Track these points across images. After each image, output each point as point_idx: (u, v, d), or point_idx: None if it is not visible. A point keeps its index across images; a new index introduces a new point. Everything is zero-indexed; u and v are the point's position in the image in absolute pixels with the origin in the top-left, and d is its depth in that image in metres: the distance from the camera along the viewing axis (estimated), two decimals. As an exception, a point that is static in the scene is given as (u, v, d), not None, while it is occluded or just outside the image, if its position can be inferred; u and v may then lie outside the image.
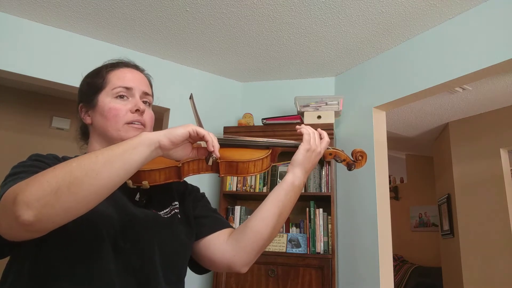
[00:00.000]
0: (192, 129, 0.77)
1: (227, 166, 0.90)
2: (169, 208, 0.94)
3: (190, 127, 0.77)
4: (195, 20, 2.43)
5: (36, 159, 0.83)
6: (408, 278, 5.06)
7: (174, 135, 0.76)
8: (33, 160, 0.82)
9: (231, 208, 2.84)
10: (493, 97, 3.42)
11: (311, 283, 2.44)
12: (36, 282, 0.75)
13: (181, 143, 0.78)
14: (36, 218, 0.63)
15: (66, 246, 0.75)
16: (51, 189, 0.63)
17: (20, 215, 0.62)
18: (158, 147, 0.75)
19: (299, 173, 0.95)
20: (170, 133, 0.76)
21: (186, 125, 0.78)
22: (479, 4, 2.18)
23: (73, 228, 0.74)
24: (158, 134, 0.75)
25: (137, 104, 0.92)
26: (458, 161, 3.92)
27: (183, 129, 0.77)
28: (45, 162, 0.82)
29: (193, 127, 0.78)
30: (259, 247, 0.91)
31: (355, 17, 2.33)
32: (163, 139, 0.75)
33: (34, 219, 0.63)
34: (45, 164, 0.81)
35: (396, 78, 2.64)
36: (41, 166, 0.79)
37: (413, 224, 5.71)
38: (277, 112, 3.13)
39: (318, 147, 0.97)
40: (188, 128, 0.77)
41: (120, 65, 0.97)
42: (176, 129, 0.76)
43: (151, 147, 0.74)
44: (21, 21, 2.46)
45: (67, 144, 1.15)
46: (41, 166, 0.79)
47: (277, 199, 0.92)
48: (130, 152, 0.71)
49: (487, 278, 3.50)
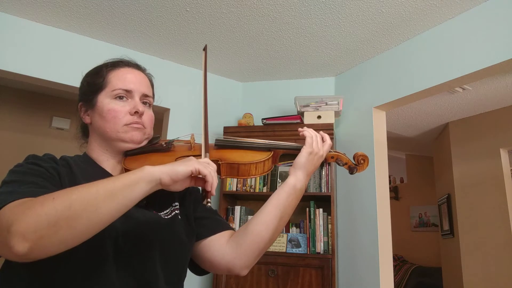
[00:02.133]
0: (194, 168, 0.76)
1: (228, 167, 0.90)
2: (170, 209, 0.93)
3: (193, 165, 0.76)
4: (195, 20, 2.43)
5: (32, 162, 0.81)
6: (408, 278, 5.06)
7: (176, 173, 0.74)
8: (30, 164, 0.81)
9: (231, 208, 2.84)
10: (493, 97, 3.42)
11: (311, 283, 2.44)
12: (36, 282, 0.75)
13: (181, 180, 0.76)
14: (31, 250, 0.62)
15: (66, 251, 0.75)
16: (48, 222, 0.62)
17: (14, 245, 0.61)
18: (159, 184, 0.74)
19: (301, 176, 0.95)
20: (172, 171, 0.74)
21: (189, 162, 0.76)
22: (479, 4, 2.18)
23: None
24: (161, 171, 0.74)
25: (136, 106, 0.91)
26: (458, 161, 3.92)
27: (186, 168, 0.75)
28: (41, 166, 0.81)
29: (196, 166, 0.76)
30: (259, 250, 0.91)
31: (355, 17, 2.33)
32: (164, 178, 0.73)
33: (29, 251, 0.62)
34: (42, 169, 0.80)
35: (396, 78, 2.64)
36: (36, 173, 0.78)
37: (413, 224, 5.71)
38: (277, 112, 3.13)
39: (321, 150, 0.97)
40: (191, 168, 0.75)
41: (120, 65, 0.96)
42: (178, 167, 0.75)
43: (151, 183, 0.73)
44: (21, 21, 2.46)
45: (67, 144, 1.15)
46: (37, 173, 0.78)
47: (279, 202, 0.92)
48: (131, 188, 0.70)
49: (487, 278, 3.50)
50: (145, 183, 0.72)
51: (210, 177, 0.76)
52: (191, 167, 0.75)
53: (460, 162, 3.91)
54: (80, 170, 0.88)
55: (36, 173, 0.78)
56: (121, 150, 0.93)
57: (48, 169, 0.81)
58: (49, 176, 0.79)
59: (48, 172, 0.80)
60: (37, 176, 0.77)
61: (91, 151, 0.95)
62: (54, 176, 0.81)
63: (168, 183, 0.74)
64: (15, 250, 0.61)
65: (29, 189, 0.72)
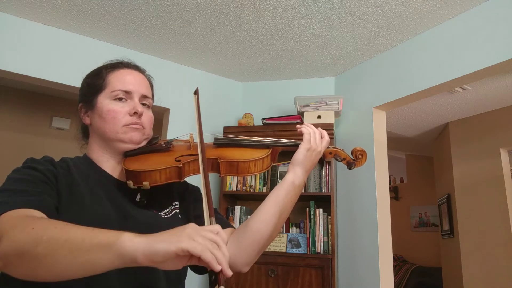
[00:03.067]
0: (181, 249, 0.58)
1: (228, 165, 0.90)
2: (170, 208, 0.94)
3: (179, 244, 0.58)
4: (195, 20, 2.43)
5: (29, 166, 0.82)
6: (408, 278, 5.06)
7: (155, 253, 0.58)
8: (26, 168, 0.82)
9: (231, 208, 2.84)
10: (493, 97, 3.42)
11: (311, 283, 2.44)
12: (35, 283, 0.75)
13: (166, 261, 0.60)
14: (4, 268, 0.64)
15: None
16: (17, 253, 0.62)
17: None
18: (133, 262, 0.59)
19: (300, 173, 0.95)
20: (150, 249, 0.58)
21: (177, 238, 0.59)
22: (479, 4, 2.18)
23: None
24: (136, 247, 0.59)
25: (135, 107, 0.92)
26: (458, 161, 3.92)
27: (168, 247, 0.58)
28: (37, 169, 0.81)
29: (183, 246, 0.58)
30: (260, 247, 0.91)
31: (355, 17, 2.33)
32: (139, 256, 0.58)
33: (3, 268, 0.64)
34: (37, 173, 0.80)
35: (396, 78, 2.64)
36: (30, 179, 0.78)
37: (413, 224, 5.71)
38: (277, 112, 3.13)
39: (319, 146, 0.97)
40: (174, 247, 0.58)
41: (120, 66, 0.97)
42: (159, 245, 0.58)
43: (121, 259, 0.59)
44: (21, 21, 2.46)
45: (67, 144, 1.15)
46: (31, 178, 0.79)
47: (278, 199, 0.93)
48: (96, 253, 0.60)
49: (487, 278, 3.50)
50: (112, 255, 0.60)
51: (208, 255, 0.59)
52: (175, 246, 0.58)
53: (460, 162, 3.91)
54: (79, 172, 0.88)
55: (30, 179, 0.78)
56: (121, 150, 0.93)
57: (44, 172, 0.81)
58: (44, 181, 0.80)
59: (44, 176, 0.80)
60: (30, 182, 0.78)
61: (91, 152, 0.95)
62: (49, 178, 0.81)
63: (146, 263, 0.59)
64: None
65: (19, 198, 0.73)
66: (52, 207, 0.76)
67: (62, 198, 0.80)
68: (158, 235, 0.61)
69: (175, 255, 0.58)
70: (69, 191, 0.82)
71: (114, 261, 0.60)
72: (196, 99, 0.98)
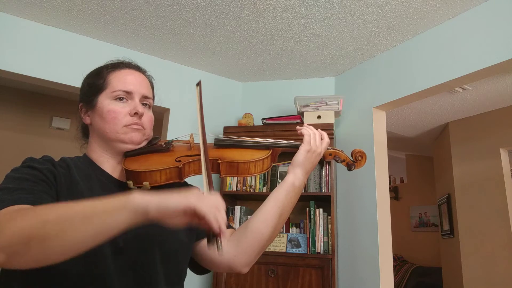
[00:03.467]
0: (188, 206, 0.63)
1: (228, 166, 0.90)
2: None
3: (188, 200, 0.64)
4: (195, 20, 2.43)
5: (28, 165, 0.81)
6: (408, 278, 5.06)
7: (165, 207, 0.64)
8: (25, 167, 0.81)
9: (231, 208, 2.84)
10: (493, 97, 3.42)
11: (311, 283, 2.44)
12: (34, 282, 0.75)
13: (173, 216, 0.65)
14: (8, 261, 0.62)
15: None
16: (23, 240, 0.61)
17: None
18: (146, 215, 0.64)
19: (300, 174, 0.95)
20: (162, 203, 0.64)
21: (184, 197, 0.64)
22: (479, 4, 2.18)
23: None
24: (148, 201, 0.64)
25: (135, 108, 0.92)
26: (458, 161, 3.92)
27: (177, 203, 0.64)
28: (37, 169, 0.81)
29: (191, 204, 0.63)
30: (260, 247, 0.91)
31: (355, 17, 2.33)
32: (152, 210, 0.63)
33: (6, 262, 0.62)
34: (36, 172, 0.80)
35: (396, 78, 2.64)
36: (30, 177, 0.78)
37: (413, 224, 5.71)
38: (277, 112, 3.13)
39: (319, 148, 0.98)
40: (184, 203, 0.64)
41: (121, 66, 0.97)
42: (170, 200, 0.64)
43: (135, 214, 0.63)
44: (21, 21, 2.46)
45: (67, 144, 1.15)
46: (30, 177, 0.78)
47: (278, 200, 0.93)
48: (111, 215, 0.63)
49: (487, 278, 3.50)
50: (128, 212, 0.63)
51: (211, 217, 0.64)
52: (184, 203, 0.64)
53: (460, 162, 3.91)
54: (79, 171, 0.88)
55: (29, 178, 0.78)
56: (121, 151, 0.93)
57: (43, 171, 0.81)
58: (43, 180, 0.79)
59: (42, 174, 0.80)
60: (28, 180, 0.77)
61: (91, 152, 0.95)
62: (48, 178, 0.80)
63: (156, 216, 0.64)
64: None
65: (18, 195, 0.72)
66: None
67: (61, 197, 0.80)
68: (167, 193, 0.65)
69: (183, 212, 0.64)
70: (69, 191, 0.82)
71: (128, 218, 0.63)
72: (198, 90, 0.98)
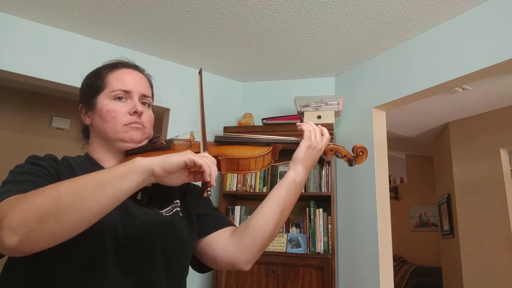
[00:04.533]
0: (188, 158, 0.73)
1: (228, 163, 0.90)
2: (171, 206, 0.94)
3: (187, 155, 0.74)
4: (195, 20, 2.43)
5: (32, 162, 0.82)
6: (408, 278, 5.06)
7: (169, 164, 0.72)
8: (29, 163, 0.82)
9: (231, 208, 2.84)
10: (493, 97, 3.42)
11: (311, 283, 2.44)
12: (36, 282, 0.75)
13: (176, 171, 0.74)
14: (21, 243, 0.62)
15: (66, 245, 0.75)
16: (37, 215, 0.62)
17: (4, 239, 0.61)
18: (151, 175, 0.72)
19: (301, 170, 0.95)
20: (165, 161, 0.72)
21: (183, 153, 0.74)
22: (479, 4, 2.18)
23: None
24: (152, 161, 0.72)
25: (135, 106, 0.92)
26: (458, 161, 3.92)
27: (179, 158, 0.73)
28: (41, 165, 0.81)
29: (190, 157, 0.74)
30: (262, 244, 0.91)
31: (355, 17, 2.33)
32: (156, 168, 0.71)
33: (19, 244, 0.62)
34: (40, 168, 0.80)
35: (396, 78, 2.64)
36: (34, 172, 0.79)
37: (413, 224, 5.71)
38: (277, 112, 3.13)
39: (319, 143, 0.97)
40: (184, 157, 0.73)
41: (119, 66, 0.97)
42: (171, 158, 0.73)
43: (143, 174, 0.71)
44: (21, 21, 2.46)
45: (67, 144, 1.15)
46: (35, 172, 0.79)
47: (279, 196, 0.93)
48: (121, 180, 0.69)
49: (487, 278, 3.50)
50: (137, 174, 0.70)
51: (206, 166, 0.74)
52: (184, 157, 0.73)
53: (460, 162, 3.91)
54: (81, 170, 0.88)
55: (33, 172, 0.79)
56: (122, 150, 0.93)
57: (47, 168, 0.81)
58: (47, 174, 0.80)
59: (46, 171, 0.81)
60: (33, 174, 0.78)
61: (93, 152, 0.95)
62: (52, 174, 0.81)
63: (161, 174, 0.72)
64: (5, 244, 0.62)
65: (24, 186, 0.72)
66: None
67: None
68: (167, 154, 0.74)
69: (185, 164, 0.73)
70: None
71: (136, 179, 0.70)
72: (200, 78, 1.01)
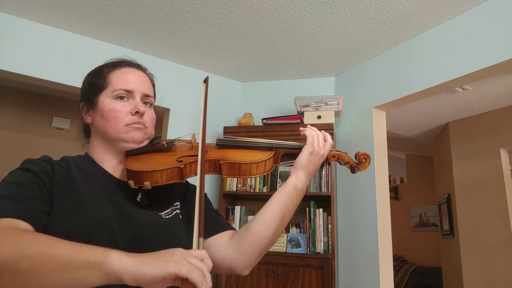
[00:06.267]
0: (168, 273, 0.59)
1: (230, 167, 0.90)
2: (170, 209, 0.93)
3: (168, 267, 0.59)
4: (195, 20, 2.43)
5: (23, 168, 0.81)
6: (408, 278, 5.06)
7: (141, 276, 0.59)
8: (20, 169, 0.81)
9: (231, 208, 2.84)
10: (493, 97, 3.42)
11: (311, 283, 2.44)
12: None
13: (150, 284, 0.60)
14: None
15: None
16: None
17: None
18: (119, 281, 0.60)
19: (302, 176, 0.94)
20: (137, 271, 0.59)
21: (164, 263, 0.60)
22: (479, 4, 2.18)
23: (71, 229, 0.74)
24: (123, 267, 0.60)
25: (136, 106, 0.91)
26: (458, 161, 3.92)
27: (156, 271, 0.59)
28: (31, 171, 0.80)
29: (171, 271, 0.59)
30: (261, 250, 0.90)
31: (355, 17, 2.33)
32: (126, 277, 0.59)
33: None
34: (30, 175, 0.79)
35: (396, 78, 2.64)
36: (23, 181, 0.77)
37: (413, 224, 5.71)
38: (277, 112, 3.13)
39: (322, 149, 0.96)
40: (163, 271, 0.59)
41: (121, 65, 0.96)
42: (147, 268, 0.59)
43: (108, 277, 0.60)
44: (21, 21, 2.45)
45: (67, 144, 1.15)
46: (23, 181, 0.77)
47: (280, 202, 0.92)
48: (84, 271, 0.60)
49: (487, 278, 3.50)
50: (100, 273, 0.60)
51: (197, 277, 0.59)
52: (164, 270, 0.59)
53: (460, 162, 3.91)
54: (79, 171, 0.88)
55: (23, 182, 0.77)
56: (123, 150, 0.93)
57: (37, 173, 0.80)
58: (35, 182, 0.78)
59: (36, 177, 0.79)
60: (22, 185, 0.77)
61: (93, 151, 0.95)
62: (42, 180, 0.80)
63: (132, 283, 0.60)
64: None
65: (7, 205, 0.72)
66: (39, 215, 0.75)
67: (57, 198, 0.79)
68: (146, 257, 0.62)
69: (162, 279, 0.59)
70: (66, 190, 0.81)
71: (100, 279, 0.60)
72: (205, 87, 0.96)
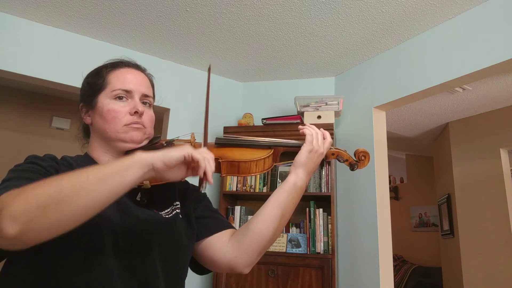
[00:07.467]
0: (187, 153, 0.75)
1: (229, 165, 0.90)
2: (170, 208, 0.93)
3: (185, 150, 0.75)
4: (195, 20, 2.43)
5: (31, 162, 0.82)
6: (408, 278, 5.06)
7: (169, 158, 0.74)
8: (28, 163, 0.81)
9: (231, 208, 2.84)
10: (493, 97, 3.42)
11: (311, 283, 2.44)
12: (36, 279, 0.75)
13: (175, 165, 0.76)
14: (21, 233, 0.61)
15: (66, 247, 0.75)
16: (38, 205, 0.62)
17: (4, 228, 0.61)
18: (152, 169, 0.73)
19: (302, 174, 0.94)
20: (165, 156, 0.73)
21: (182, 148, 0.76)
22: (479, 4, 2.18)
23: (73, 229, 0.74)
24: (153, 156, 0.73)
25: (135, 106, 0.91)
26: (458, 161, 3.92)
27: (178, 152, 0.74)
28: (40, 165, 0.81)
29: (189, 151, 0.75)
30: (261, 248, 0.91)
31: (355, 17, 2.33)
32: (157, 162, 0.73)
33: (18, 233, 0.61)
34: (39, 167, 0.80)
35: (396, 78, 2.64)
36: (34, 170, 0.79)
37: (413, 224, 5.71)
38: (277, 112, 3.13)
39: (321, 147, 0.96)
40: (183, 152, 0.75)
41: (120, 65, 0.97)
42: (171, 152, 0.74)
43: (144, 169, 0.72)
44: (21, 21, 2.46)
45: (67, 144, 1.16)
46: (35, 170, 0.79)
47: (279, 201, 0.92)
48: (122, 174, 0.70)
49: (487, 278, 3.50)
50: (137, 168, 0.71)
51: (203, 162, 0.75)
52: (183, 152, 0.75)
53: (460, 162, 3.91)
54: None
55: (33, 170, 0.79)
56: (122, 150, 0.93)
57: (46, 168, 0.81)
58: (46, 174, 0.79)
59: (46, 170, 0.80)
60: (33, 172, 0.78)
61: (92, 151, 0.95)
62: (52, 174, 0.80)
63: (161, 168, 0.73)
64: (5, 233, 0.61)
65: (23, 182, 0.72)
66: None
67: None
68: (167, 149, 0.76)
69: (183, 158, 0.75)
70: None
71: (136, 173, 0.71)
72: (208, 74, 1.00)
